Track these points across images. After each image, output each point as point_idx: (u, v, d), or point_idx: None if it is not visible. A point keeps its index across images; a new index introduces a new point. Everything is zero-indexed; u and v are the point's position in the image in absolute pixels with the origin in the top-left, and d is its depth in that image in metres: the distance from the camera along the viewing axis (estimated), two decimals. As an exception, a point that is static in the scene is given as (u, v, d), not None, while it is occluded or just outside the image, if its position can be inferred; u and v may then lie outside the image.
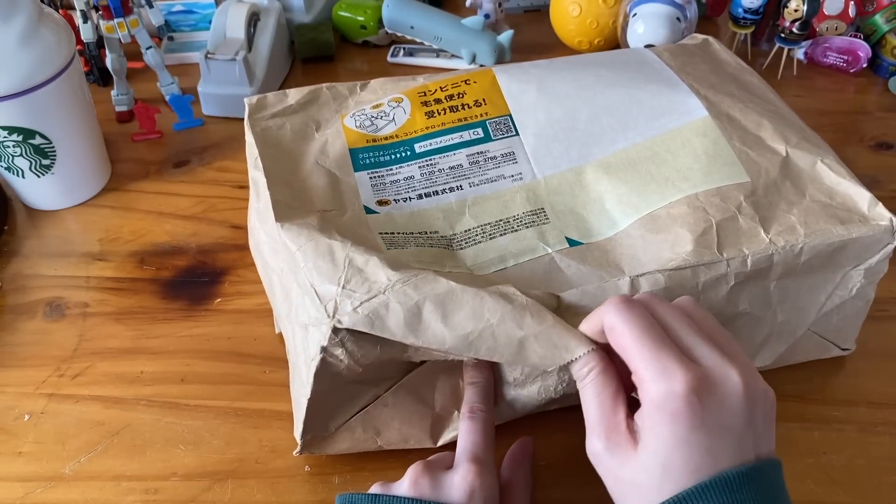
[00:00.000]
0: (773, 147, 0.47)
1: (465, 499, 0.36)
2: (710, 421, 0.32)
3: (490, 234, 0.45)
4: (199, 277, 0.59)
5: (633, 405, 0.34)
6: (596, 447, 0.34)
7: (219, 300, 0.57)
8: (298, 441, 0.44)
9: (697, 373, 0.32)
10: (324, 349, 0.39)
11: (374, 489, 0.39)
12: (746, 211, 0.44)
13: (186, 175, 0.69)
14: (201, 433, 0.49)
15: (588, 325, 0.37)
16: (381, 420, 0.44)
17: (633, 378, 0.34)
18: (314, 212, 0.45)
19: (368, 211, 0.47)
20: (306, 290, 0.40)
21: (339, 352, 0.39)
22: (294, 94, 0.55)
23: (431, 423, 0.45)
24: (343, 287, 0.39)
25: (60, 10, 0.77)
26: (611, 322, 0.34)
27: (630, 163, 0.47)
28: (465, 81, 0.53)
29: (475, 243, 0.45)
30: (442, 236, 0.45)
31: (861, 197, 0.44)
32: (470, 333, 0.38)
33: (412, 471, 0.38)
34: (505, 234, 0.45)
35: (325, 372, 0.40)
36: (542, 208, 0.46)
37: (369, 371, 0.41)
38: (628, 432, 0.33)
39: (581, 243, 0.44)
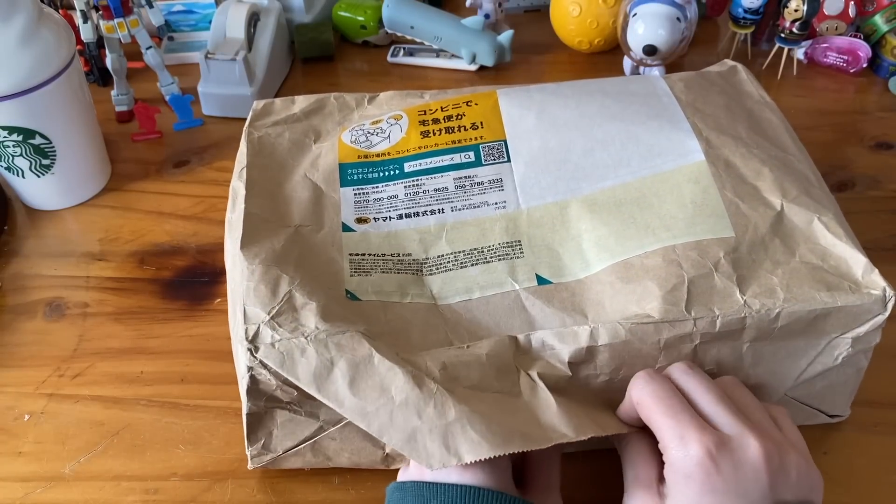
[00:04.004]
0: (768, 200, 0.45)
1: (461, 466, 0.36)
2: (724, 486, 0.33)
3: (462, 263, 0.45)
4: (199, 277, 0.59)
5: None
6: None
7: (219, 300, 0.57)
8: (248, 455, 0.44)
9: (714, 437, 0.33)
10: (249, 368, 0.40)
11: (400, 476, 0.40)
12: (724, 269, 0.41)
13: (186, 175, 0.69)
14: (201, 433, 0.49)
15: (624, 408, 0.39)
16: (331, 450, 0.44)
17: (659, 446, 0.35)
18: (288, 227, 0.46)
19: (346, 228, 0.46)
20: (241, 307, 0.41)
21: (264, 372, 0.40)
22: (301, 102, 0.56)
23: (382, 458, 0.44)
24: (271, 318, 0.40)
25: (60, 10, 0.77)
26: (636, 396, 0.37)
27: (616, 203, 0.45)
28: (467, 103, 0.53)
29: (445, 270, 0.45)
30: (414, 259, 0.45)
31: (856, 262, 0.42)
32: (368, 405, 0.37)
33: None
34: (476, 264, 0.45)
35: (257, 390, 0.41)
36: (519, 241, 0.45)
37: (311, 398, 0.41)
38: (658, 495, 0.35)
39: (550, 282, 0.44)
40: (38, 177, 0.63)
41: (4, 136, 0.60)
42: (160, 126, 0.73)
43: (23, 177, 0.63)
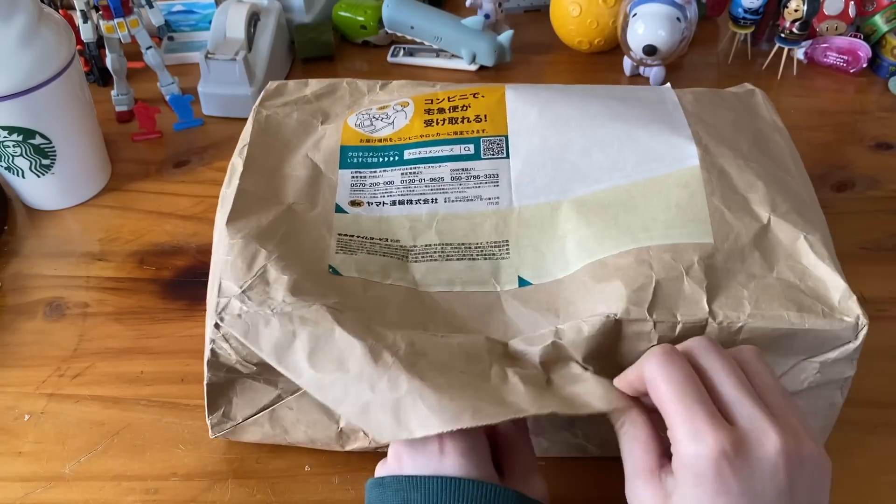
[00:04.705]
0: (755, 212, 0.44)
1: (438, 456, 0.36)
2: (739, 488, 0.31)
3: (448, 256, 0.45)
4: (199, 277, 0.59)
5: (669, 455, 0.34)
6: (630, 495, 0.34)
7: (219, 300, 0.57)
8: (208, 424, 0.45)
9: (731, 436, 0.31)
10: (212, 341, 0.41)
11: (378, 471, 0.39)
12: (696, 274, 0.40)
13: (186, 175, 0.69)
14: (201, 433, 0.49)
15: (629, 376, 0.36)
16: (288, 421, 0.45)
17: (668, 434, 0.33)
18: (281, 204, 0.47)
19: (338, 210, 0.47)
20: (217, 280, 0.42)
21: (225, 346, 0.41)
22: (313, 85, 0.56)
23: (336, 434, 0.45)
24: (243, 291, 0.41)
25: (60, 10, 0.77)
26: (650, 375, 0.34)
27: (603, 205, 0.45)
28: (475, 95, 0.53)
29: (430, 260, 0.45)
30: (401, 245, 0.46)
31: (835, 286, 0.40)
32: (324, 377, 0.38)
33: (393, 446, 0.39)
34: (462, 259, 0.45)
35: (218, 363, 0.42)
36: (507, 240, 0.45)
37: (269, 370, 0.42)
38: (661, 484, 0.33)
39: (531, 283, 0.44)
40: (38, 177, 0.63)
41: (4, 136, 0.60)
42: (160, 126, 0.73)
43: (23, 177, 0.63)
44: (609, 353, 0.40)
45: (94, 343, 0.55)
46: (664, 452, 0.34)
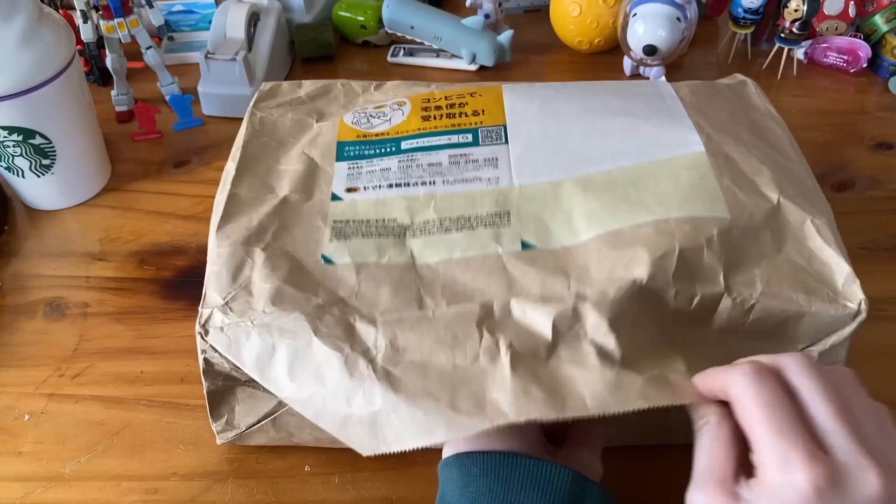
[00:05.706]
0: (765, 193, 0.44)
1: (496, 438, 0.37)
2: None
3: (446, 228, 0.44)
4: (199, 277, 0.58)
5: (748, 469, 0.31)
6: (695, 499, 0.32)
7: (219, 300, 0.57)
8: (214, 431, 0.45)
9: (825, 468, 0.28)
10: (202, 350, 0.41)
11: (444, 450, 0.39)
12: (715, 247, 0.40)
13: (186, 175, 0.69)
14: (201, 433, 0.49)
15: (711, 385, 0.34)
16: (292, 426, 0.45)
17: (753, 457, 0.31)
18: (275, 198, 0.46)
19: (334, 198, 0.47)
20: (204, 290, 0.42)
21: (216, 355, 0.41)
22: (308, 86, 0.56)
23: None
24: (226, 303, 0.41)
25: (60, 10, 0.77)
26: (736, 394, 0.32)
27: (610, 183, 0.45)
28: (472, 94, 0.53)
29: (428, 234, 0.44)
30: (398, 224, 0.45)
31: (840, 270, 0.41)
32: (303, 391, 0.38)
33: None
34: (461, 230, 0.44)
35: (213, 371, 0.42)
36: (508, 211, 0.44)
37: None
38: (733, 498, 0.30)
39: (535, 247, 0.42)
40: (38, 177, 0.63)
41: (4, 136, 0.60)
42: (160, 126, 0.73)
43: (23, 177, 0.63)
44: (631, 323, 0.38)
45: (94, 343, 0.55)
46: (742, 464, 0.31)
